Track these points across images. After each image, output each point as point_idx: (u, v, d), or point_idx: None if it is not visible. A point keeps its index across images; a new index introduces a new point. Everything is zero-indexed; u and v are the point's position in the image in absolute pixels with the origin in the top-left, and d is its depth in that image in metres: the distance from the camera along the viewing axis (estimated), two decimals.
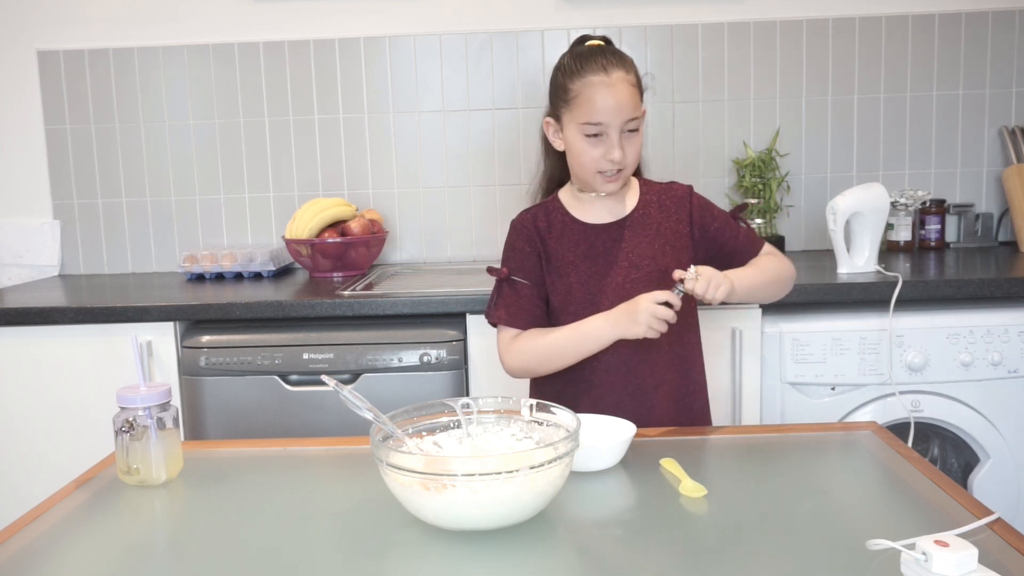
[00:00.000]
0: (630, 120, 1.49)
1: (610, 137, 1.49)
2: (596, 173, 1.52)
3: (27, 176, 2.79)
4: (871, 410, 2.11)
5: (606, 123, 1.48)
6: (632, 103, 1.49)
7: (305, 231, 2.49)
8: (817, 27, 2.68)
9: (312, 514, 1.16)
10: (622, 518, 1.15)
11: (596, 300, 1.54)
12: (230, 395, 2.13)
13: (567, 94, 1.51)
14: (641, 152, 1.56)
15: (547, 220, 1.59)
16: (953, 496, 1.14)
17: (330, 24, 2.71)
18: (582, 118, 1.49)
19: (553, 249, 1.58)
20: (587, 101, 1.48)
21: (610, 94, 1.47)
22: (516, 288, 1.57)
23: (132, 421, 1.25)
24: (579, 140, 1.51)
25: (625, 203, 1.60)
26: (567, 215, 1.60)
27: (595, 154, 1.50)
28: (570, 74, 1.51)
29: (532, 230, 1.59)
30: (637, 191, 1.62)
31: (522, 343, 1.55)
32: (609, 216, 1.59)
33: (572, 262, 1.57)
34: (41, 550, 1.09)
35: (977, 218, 2.70)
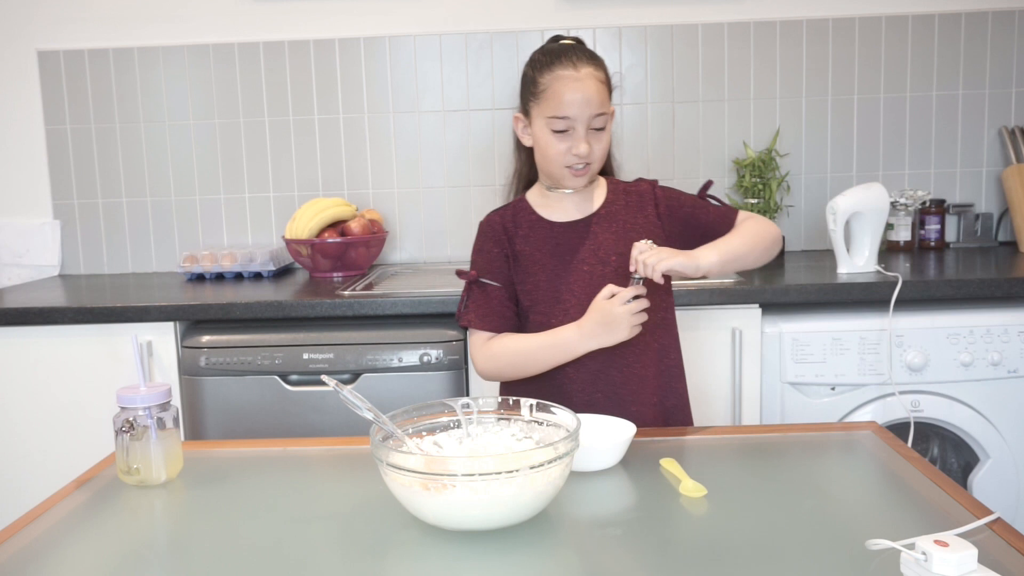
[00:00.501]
0: (597, 116, 1.50)
1: (577, 131, 1.50)
2: (563, 168, 1.53)
3: (27, 176, 2.79)
4: (871, 410, 2.11)
5: (573, 117, 1.49)
6: (600, 99, 1.50)
7: (305, 231, 2.49)
8: (817, 27, 2.68)
9: (312, 514, 1.16)
10: (622, 518, 1.15)
11: (562, 297, 1.55)
12: (230, 395, 2.13)
13: (536, 87, 1.52)
14: (609, 150, 1.57)
15: (514, 220, 1.60)
16: (953, 496, 1.14)
17: (330, 24, 2.71)
18: (550, 112, 1.50)
19: (521, 249, 1.58)
20: (555, 95, 1.49)
21: (578, 88, 1.48)
22: (486, 290, 1.57)
23: (132, 421, 1.25)
24: (546, 134, 1.52)
25: (592, 201, 1.61)
26: (534, 214, 1.60)
27: (561, 148, 1.51)
28: (540, 68, 1.53)
29: (500, 231, 1.59)
30: (604, 189, 1.63)
31: (494, 347, 1.55)
32: (577, 214, 1.60)
33: (539, 260, 1.57)
34: (41, 550, 1.09)
35: (977, 218, 2.70)
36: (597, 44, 2.68)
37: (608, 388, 1.54)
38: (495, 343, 1.56)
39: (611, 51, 2.68)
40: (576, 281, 1.55)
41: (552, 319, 1.55)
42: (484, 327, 1.56)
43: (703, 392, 2.15)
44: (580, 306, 1.54)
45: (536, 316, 1.56)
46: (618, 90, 2.54)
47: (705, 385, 2.15)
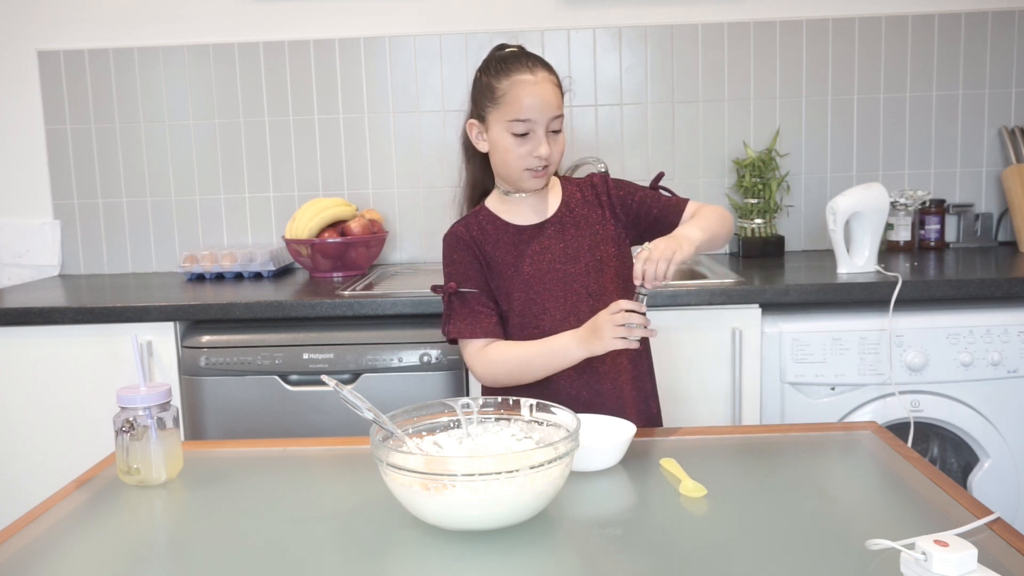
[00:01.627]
0: (555, 118, 1.52)
1: (537, 134, 1.51)
2: (524, 170, 1.54)
3: (27, 176, 2.79)
4: (871, 410, 2.11)
5: (534, 120, 1.50)
6: (556, 101, 1.52)
7: (305, 231, 2.49)
8: (817, 27, 2.68)
9: (312, 514, 1.16)
10: (622, 518, 1.15)
11: (540, 299, 1.55)
12: (230, 395, 2.13)
13: (494, 93, 1.53)
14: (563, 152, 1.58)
15: (480, 229, 1.60)
16: (953, 496, 1.14)
17: (330, 24, 2.71)
18: (510, 115, 1.51)
19: (491, 256, 1.59)
20: (515, 99, 1.51)
21: (537, 92, 1.50)
22: (465, 299, 1.57)
23: (132, 421, 1.26)
24: (506, 138, 1.53)
25: (548, 202, 1.63)
26: (498, 220, 1.61)
27: (522, 151, 1.52)
28: (496, 74, 1.54)
29: (468, 239, 1.59)
30: (559, 190, 1.65)
31: (492, 354, 1.55)
32: (536, 217, 1.61)
33: (512, 264, 1.58)
34: (41, 550, 1.09)
35: (977, 218, 2.70)
36: (597, 44, 2.69)
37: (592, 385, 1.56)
38: (492, 351, 1.56)
39: (611, 51, 2.69)
40: (552, 281, 1.56)
41: (532, 320, 1.56)
42: (474, 335, 1.56)
43: (703, 392, 2.15)
44: (559, 306, 1.55)
45: (516, 319, 1.57)
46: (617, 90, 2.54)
47: (705, 385, 2.15)
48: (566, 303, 1.56)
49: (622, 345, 1.40)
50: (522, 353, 1.53)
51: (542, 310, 1.55)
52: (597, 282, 1.57)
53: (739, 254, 2.64)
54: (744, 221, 2.65)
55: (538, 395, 1.46)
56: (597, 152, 2.71)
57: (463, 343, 1.58)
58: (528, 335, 1.55)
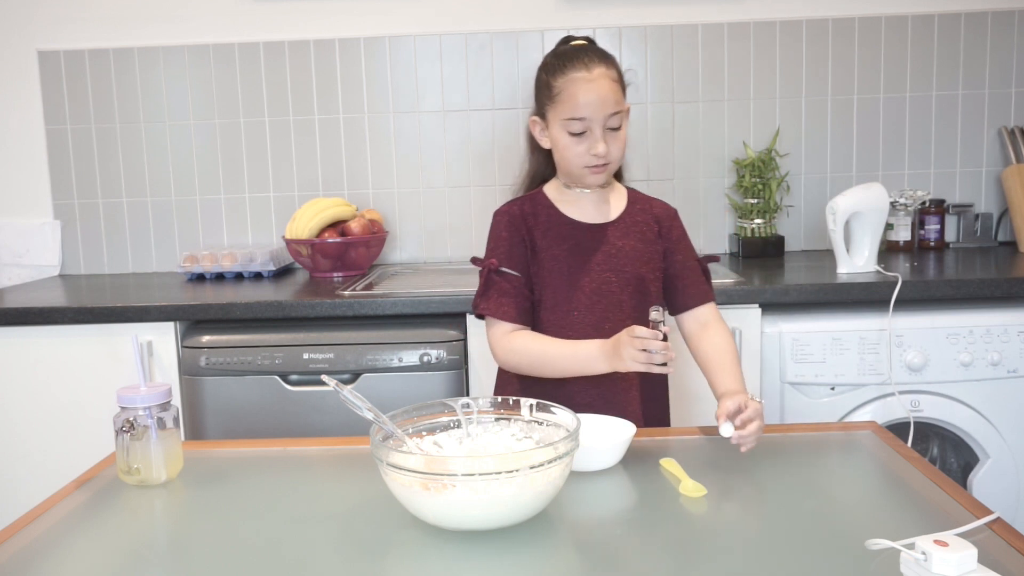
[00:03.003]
0: (612, 115, 1.50)
1: (593, 132, 1.50)
2: (583, 168, 1.53)
3: (27, 176, 2.79)
4: (871, 410, 2.11)
5: (589, 118, 1.49)
6: (614, 98, 1.50)
7: (305, 231, 2.49)
8: (817, 27, 2.68)
9: (312, 514, 1.16)
10: (622, 518, 1.15)
11: (573, 296, 1.55)
12: (230, 395, 2.13)
13: (551, 91, 1.53)
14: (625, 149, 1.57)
15: (533, 211, 1.60)
16: (953, 496, 1.14)
17: (330, 24, 2.71)
18: (566, 114, 1.50)
19: (539, 242, 1.58)
20: (570, 97, 1.50)
21: (592, 89, 1.49)
22: (505, 279, 1.57)
23: (132, 421, 1.26)
24: (564, 136, 1.52)
25: (611, 206, 1.61)
26: (553, 209, 1.60)
27: (579, 149, 1.51)
28: (553, 72, 1.53)
29: (519, 219, 1.59)
30: (625, 197, 1.63)
31: (516, 342, 1.55)
32: (596, 216, 1.60)
33: (556, 256, 1.57)
34: (41, 550, 1.09)
35: (977, 218, 2.70)
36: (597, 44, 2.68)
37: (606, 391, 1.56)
38: (517, 339, 1.55)
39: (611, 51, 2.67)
40: (589, 283, 1.55)
41: (560, 316, 1.55)
42: (503, 317, 1.55)
43: (704, 392, 2.14)
44: (588, 308, 1.54)
45: (544, 312, 1.56)
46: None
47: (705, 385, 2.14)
48: (596, 311, 1.54)
49: (643, 368, 1.38)
50: (547, 350, 1.52)
51: (571, 309, 1.54)
52: (632, 299, 1.56)
53: (739, 254, 2.64)
54: (744, 221, 2.65)
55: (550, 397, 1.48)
56: None
57: (489, 321, 1.57)
58: (551, 331, 1.55)
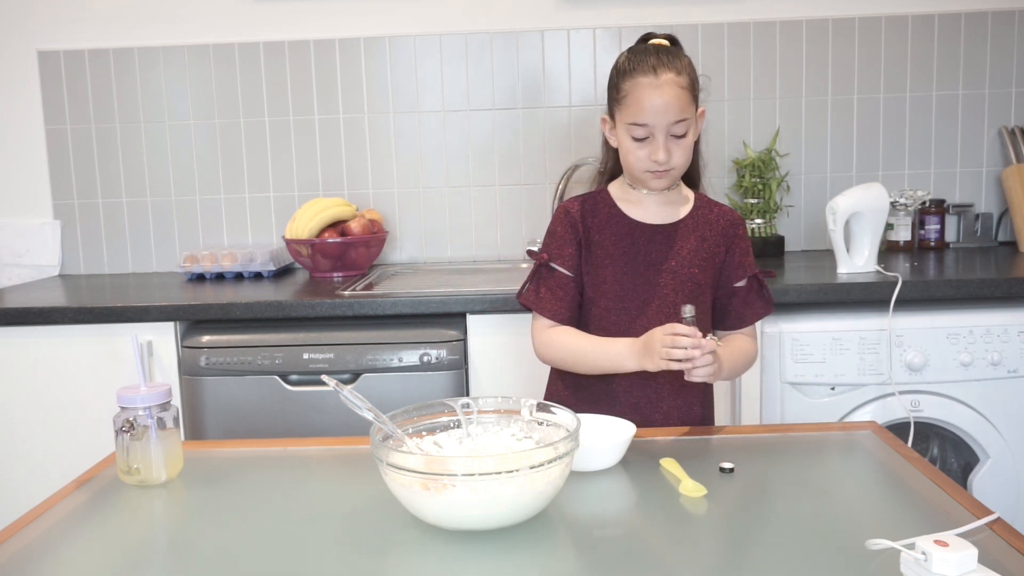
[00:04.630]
0: (677, 123, 1.48)
1: (656, 139, 1.49)
2: (644, 172, 1.53)
3: (27, 176, 2.79)
4: (871, 410, 2.11)
5: (652, 124, 1.48)
6: (679, 105, 1.48)
7: (305, 231, 2.49)
8: (817, 27, 2.68)
9: (312, 514, 1.16)
10: (622, 518, 1.15)
11: (625, 298, 1.55)
12: (230, 395, 2.13)
13: (618, 93, 1.52)
14: (691, 157, 1.55)
15: (593, 209, 1.59)
16: (953, 496, 1.14)
17: (330, 24, 2.71)
18: (629, 118, 1.49)
19: (595, 239, 1.57)
20: (635, 101, 1.48)
21: (657, 95, 1.46)
22: (553, 275, 1.57)
23: (132, 421, 1.26)
24: (627, 139, 1.52)
25: (677, 209, 1.60)
26: (614, 207, 1.59)
27: (641, 154, 1.51)
28: (622, 73, 1.52)
29: (576, 216, 1.59)
30: (692, 202, 1.62)
31: (553, 337, 1.56)
32: (658, 218, 1.59)
33: (612, 255, 1.56)
34: (41, 550, 1.09)
35: (977, 218, 2.70)
36: (597, 44, 2.69)
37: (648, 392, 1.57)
38: (554, 334, 1.56)
39: (611, 51, 2.68)
40: (643, 285, 1.55)
41: (612, 315, 1.55)
42: (544, 313, 1.56)
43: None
44: (641, 310, 1.54)
45: (598, 310, 1.56)
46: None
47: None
48: (648, 312, 1.54)
49: (674, 367, 1.38)
50: (582, 347, 1.53)
51: (624, 308, 1.54)
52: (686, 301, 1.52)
53: None
54: None
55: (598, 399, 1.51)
56: (597, 152, 2.69)
57: (533, 316, 1.59)
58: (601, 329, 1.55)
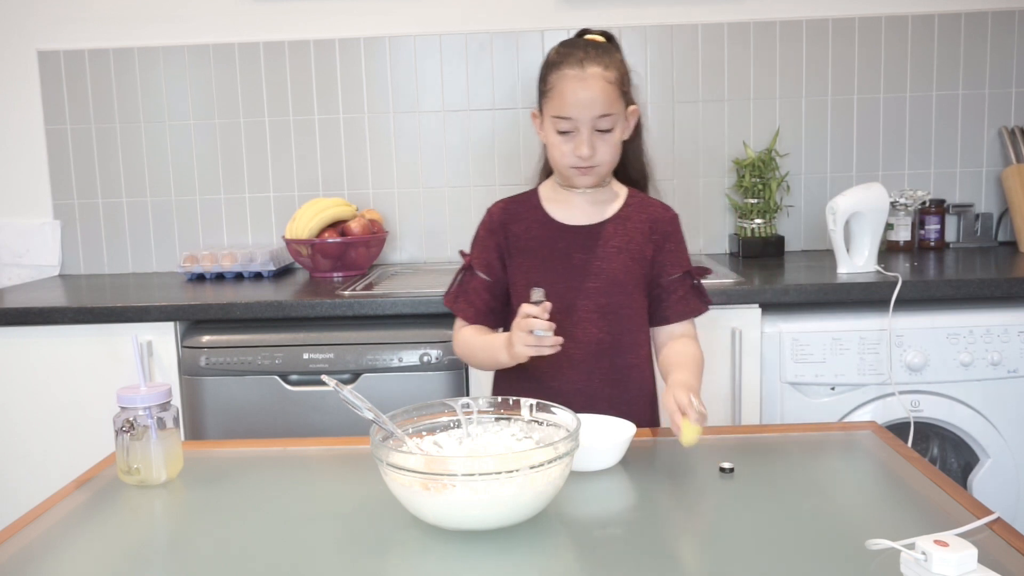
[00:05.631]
0: (602, 117, 1.46)
1: (580, 133, 1.46)
2: (568, 167, 1.51)
3: (27, 176, 2.79)
4: (871, 410, 2.11)
5: (576, 118, 1.45)
6: (604, 100, 1.45)
7: (305, 231, 2.49)
8: (817, 27, 2.68)
9: (312, 514, 1.16)
10: (622, 518, 1.15)
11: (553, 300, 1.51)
12: (230, 395, 2.13)
13: (545, 86, 1.51)
14: (618, 155, 1.53)
15: (518, 212, 1.59)
16: (953, 496, 1.14)
17: (330, 24, 2.71)
18: (554, 111, 1.48)
19: (519, 243, 1.57)
20: (559, 94, 1.46)
21: (581, 88, 1.44)
22: (473, 278, 1.59)
23: (132, 421, 1.25)
24: (552, 134, 1.49)
25: (603, 208, 1.57)
26: (539, 209, 1.58)
27: (566, 149, 1.48)
28: (550, 66, 1.50)
29: (498, 221, 1.59)
30: (622, 200, 1.59)
31: (459, 335, 1.59)
32: (584, 219, 1.56)
33: (536, 258, 1.55)
34: (41, 550, 1.09)
35: (977, 218, 2.70)
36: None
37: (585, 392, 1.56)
38: (462, 332, 1.59)
39: None
40: (569, 287, 1.53)
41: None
42: (459, 313, 1.59)
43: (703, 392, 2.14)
44: (569, 312, 1.52)
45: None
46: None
47: (705, 385, 2.13)
48: (573, 312, 1.53)
49: (533, 352, 1.38)
50: (474, 343, 1.55)
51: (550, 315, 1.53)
52: (612, 302, 1.53)
53: (739, 254, 2.64)
54: (744, 221, 2.64)
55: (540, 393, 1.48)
56: None
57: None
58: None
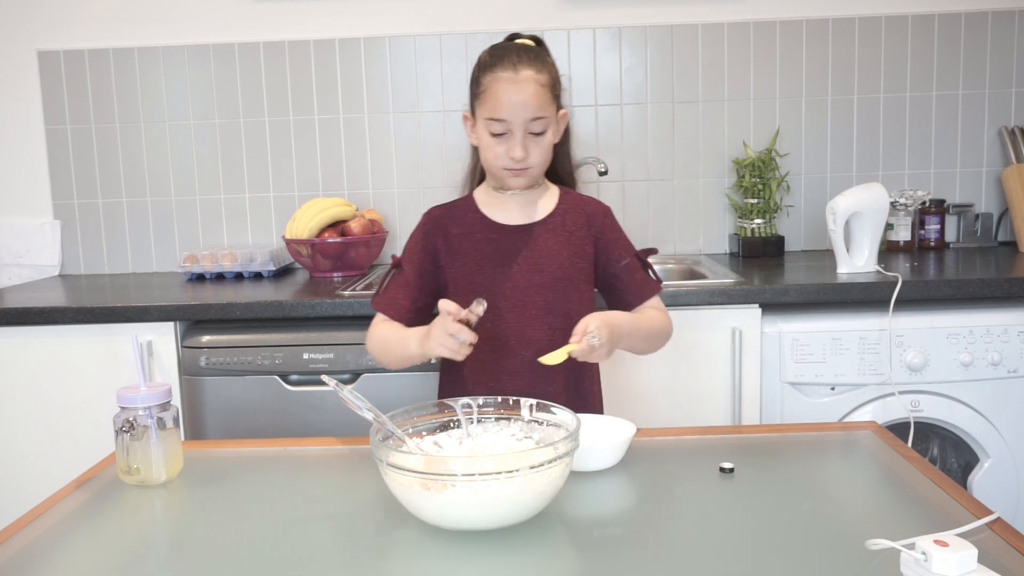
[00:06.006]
0: (535, 119, 1.48)
1: (513, 135, 1.49)
2: (502, 169, 1.53)
3: (27, 176, 2.79)
4: (871, 410, 2.11)
5: (510, 120, 1.48)
6: (538, 103, 1.47)
7: (305, 231, 2.49)
8: (817, 27, 2.68)
9: (312, 514, 1.16)
10: (622, 518, 1.15)
11: (495, 299, 1.54)
12: (230, 395, 2.13)
13: (478, 88, 1.52)
14: (551, 157, 1.56)
15: (455, 217, 1.60)
16: (953, 496, 1.14)
17: (330, 24, 2.71)
18: (488, 113, 1.49)
19: (459, 246, 1.58)
20: (493, 96, 1.48)
21: (515, 90, 1.47)
22: (400, 275, 1.59)
23: (132, 421, 1.26)
24: (486, 135, 1.51)
25: (538, 207, 1.60)
26: (477, 213, 1.60)
27: (499, 151, 1.51)
28: (483, 68, 1.52)
29: (433, 227, 1.61)
30: (556, 198, 1.62)
31: (376, 329, 1.57)
32: (521, 218, 1.59)
33: (478, 260, 1.57)
34: (41, 550, 1.09)
35: (977, 218, 2.70)
36: (597, 44, 2.69)
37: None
38: (378, 325, 1.57)
39: (611, 51, 2.69)
40: (512, 287, 1.55)
41: (483, 320, 1.54)
42: (383, 310, 1.58)
43: (703, 392, 2.15)
44: (512, 311, 1.54)
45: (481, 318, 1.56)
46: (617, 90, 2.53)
47: (705, 385, 2.15)
48: (521, 311, 1.55)
49: (447, 354, 1.38)
50: (389, 335, 1.53)
51: (498, 314, 1.54)
52: (558, 297, 1.55)
53: (739, 254, 2.64)
54: (744, 221, 2.65)
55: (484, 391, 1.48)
56: (597, 152, 2.71)
57: None
58: (495, 333, 1.55)
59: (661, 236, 2.74)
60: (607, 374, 2.13)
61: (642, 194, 2.74)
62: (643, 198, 2.74)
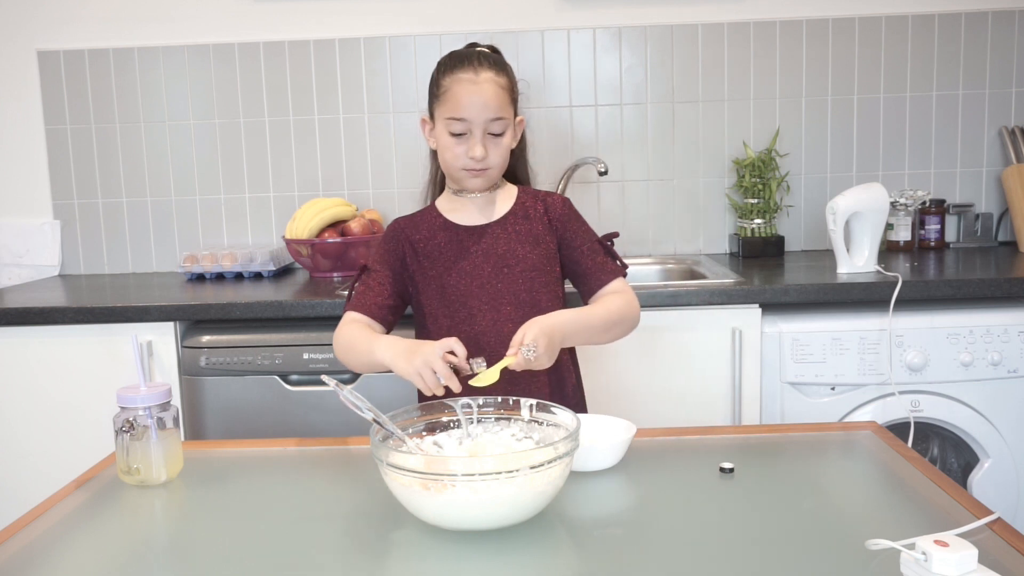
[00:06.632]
0: (495, 120, 1.51)
1: (473, 135, 1.51)
2: (461, 170, 1.55)
3: (27, 176, 2.79)
4: (871, 410, 2.11)
5: (470, 120, 1.50)
6: (497, 104, 1.51)
7: (305, 231, 2.49)
8: (817, 27, 2.68)
9: (312, 514, 1.16)
10: (622, 518, 1.15)
11: (467, 300, 1.57)
12: (230, 395, 2.13)
13: (438, 89, 1.54)
14: (508, 159, 1.58)
15: (417, 227, 1.62)
16: (953, 496, 1.14)
17: (330, 24, 2.71)
18: (448, 113, 1.52)
19: (425, 250, 1.60)
20: (453, 96, 1.51)
21: (476, 91, 1.50)
22: (368, 277, 1.60)
23: (132, 421, 1.26)
24: (445, 136, 1.54)
25: (497, 206, 1.63)
26: (440, 218, 1.62)
27: (459, 151, 1.53)
28: (443, 70, 1.55)
29: (400, 236, 1.62)
30: (514, 197, 1.64)
31: (342, 328, 1.56)
32: (482, 218, 1.61)
33: (444, 264, 1.59)
34: (41, 550, 1.09)
35: (977, 218, 2.70)
36: (597, 44, 2.69)
37: None
38: (345, 324, 1.57)
39: (611, 51, 2.69)
40: (480, 286, 1.57)
41: (458, 323, 1.57)
42: (353, 307, 1.58)
43: (703, 392, 2.15)
44: (482, 310, 1.56)
45: (443, 320, 1.58)
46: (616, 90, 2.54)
47: (705, 385, 2.15)
48: (494, 309, 1.56)
49: (419, 384, 1.35)
50: (355, 337, 1.52)
51: (468, 314, 1.56)
52: (528, 292, 1.57)
53: (739, 254, 2.64)
54: (744, 221, 2.65)
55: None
56: (597, 152, 2.71)
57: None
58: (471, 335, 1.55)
59: (661, 236, 2.74)
60: (608, 374, 2.13)
61: (642, 194, 2.74)
62: (643, 198, 2.74)
